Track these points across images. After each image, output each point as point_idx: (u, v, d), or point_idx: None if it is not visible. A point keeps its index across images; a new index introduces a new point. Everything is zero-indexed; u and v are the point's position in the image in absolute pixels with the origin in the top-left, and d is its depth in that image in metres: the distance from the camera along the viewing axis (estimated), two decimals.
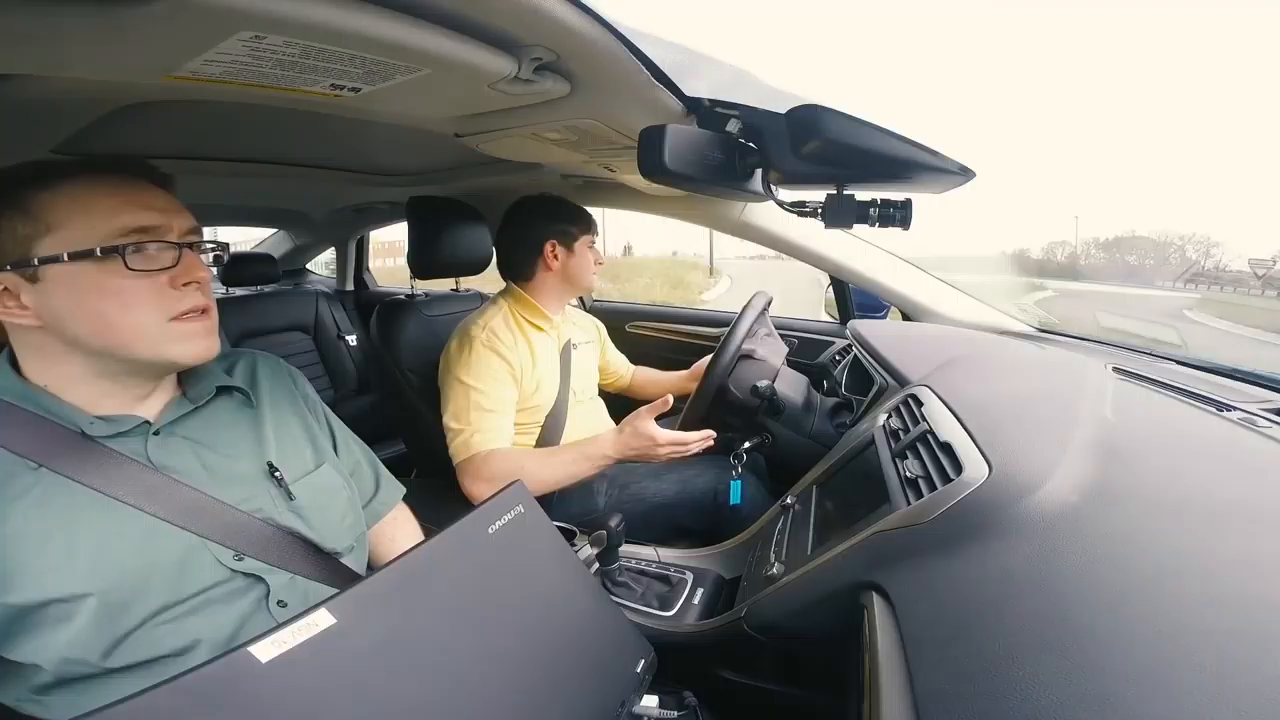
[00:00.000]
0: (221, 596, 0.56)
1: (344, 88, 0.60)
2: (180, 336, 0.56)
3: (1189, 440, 0.55)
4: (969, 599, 0.40)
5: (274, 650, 0.38)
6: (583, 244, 1.23)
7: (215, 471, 0.59)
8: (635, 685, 0.57)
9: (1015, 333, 1.28)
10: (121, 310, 0.53)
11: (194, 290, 0.56)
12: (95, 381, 0.56)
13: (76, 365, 0.55)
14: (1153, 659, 0.29)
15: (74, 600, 0.49)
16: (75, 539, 0.51)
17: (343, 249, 2.65)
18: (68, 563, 0.50)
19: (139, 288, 0.53)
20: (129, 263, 0.52)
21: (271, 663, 0.38)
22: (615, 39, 0.55)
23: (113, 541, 0.52)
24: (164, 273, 0.55)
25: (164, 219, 0.56)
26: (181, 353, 0.56)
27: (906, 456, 0.63)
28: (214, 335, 0.59)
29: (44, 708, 0.51)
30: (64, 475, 0.52)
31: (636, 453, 1.04)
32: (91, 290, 0.52)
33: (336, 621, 0.41)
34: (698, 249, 35.14)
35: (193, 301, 0.56)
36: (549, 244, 1.20)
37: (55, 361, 0.55)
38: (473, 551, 0.51)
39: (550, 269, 1.22)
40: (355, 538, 0.70)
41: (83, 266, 0.51)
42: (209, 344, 0.58)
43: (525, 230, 1.23)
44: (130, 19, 0.41)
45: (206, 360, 0.59)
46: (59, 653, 0.49)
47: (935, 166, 0.65)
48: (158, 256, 0.54)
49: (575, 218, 1.23)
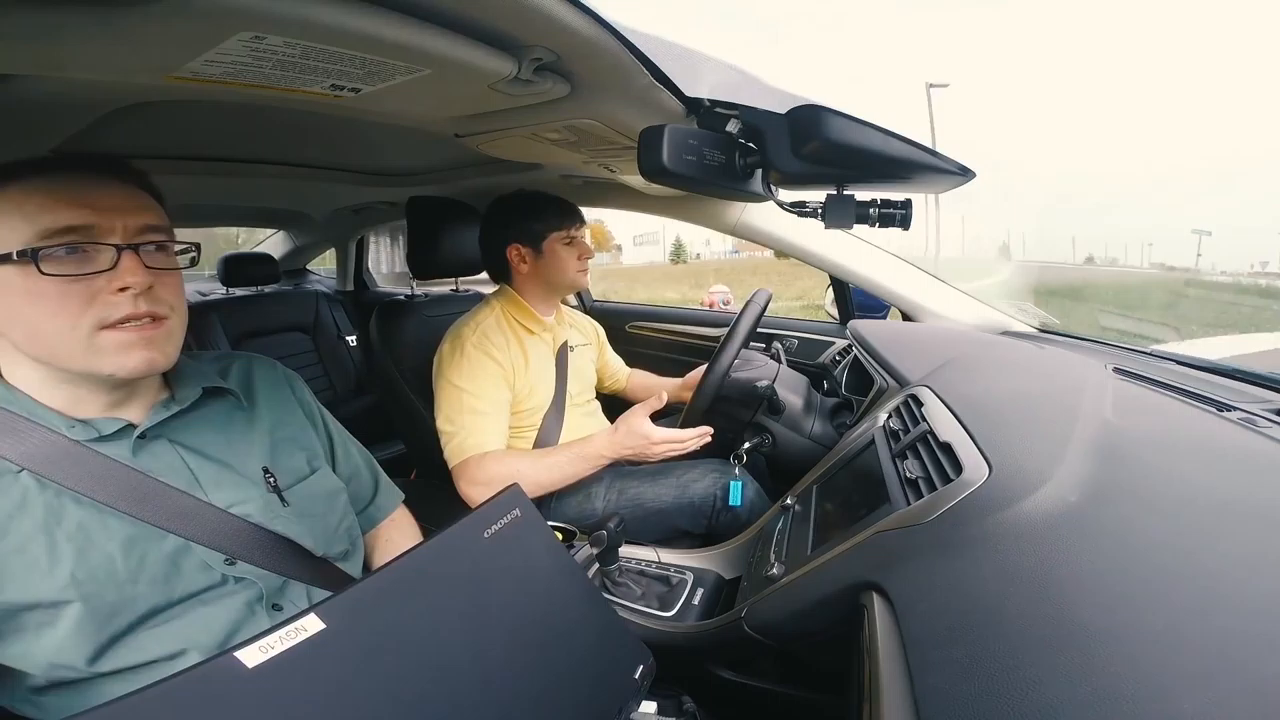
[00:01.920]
0: (213, 600, 0.56)
1: (344, 88, 0.60)
2: (109, 348, 0.51)
3: (1189, 440, 0.55)
4: (969, 599, 0.40)
5: (260, 656, 0.37)
6: (554, 242, 1.16)
7: (205, 476, 0.58)
8: (634, 692, 0.56)
9: (1015, 333, 1.28)
10: (45, 317, 0.50)
11: (130, 297, 0.51)
12: (62, 386, 0.54)
13: (33, 370, 0.53)
14: (1153, 659, 0.29)
15: (56, 606, 0.49)
16: (57, 543, 0.50)
17: (343, 249, 2.65)
18: (50, 567, 0.49)
19: (63, 293, 0.50)
20: (42, 267, 0.49)
21: (258, 668, 0.37)
22: (615, 39, 0.55)
23: (97, 546, 0.51)
24: (97, 276, 0.51)
25: (98, 218, 0.51)
26: (113, 365, 0.52)
27: (906, 457, 0.63)
28: (159, 347, 0.54)
29: (39, 709, 0.51)
30: (46, 479, 0.51)
31: (632, 451, 1.03)
32: (18, 295, 0.50)
33: (325, 627, 0.40)
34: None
35: (128, 309, 0.51)
36: (511, 248, 1.17)
37: (17, 364, 0.54)
38: (467, 556, 0.51)
39: (521, 272, 1.18)
40: (351, 542, 0.70)
41: (10, 270, 0.49)
42: (149, 356, 0.53)
43: (489, 236, 1.20)
44: (130, 19, 0.41)
45: (145, 375, 0.54)
46: (45, 657, 0.49)
47: (935, 166, 0.65)
48: (91, 258, 0.51)
49: (540, 214, 1.16)
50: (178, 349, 0.57)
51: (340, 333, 2.43)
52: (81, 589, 0.49)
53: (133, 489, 0.53)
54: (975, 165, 0.67)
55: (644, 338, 1.99)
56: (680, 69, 0.63)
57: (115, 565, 0.51)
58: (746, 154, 0.65)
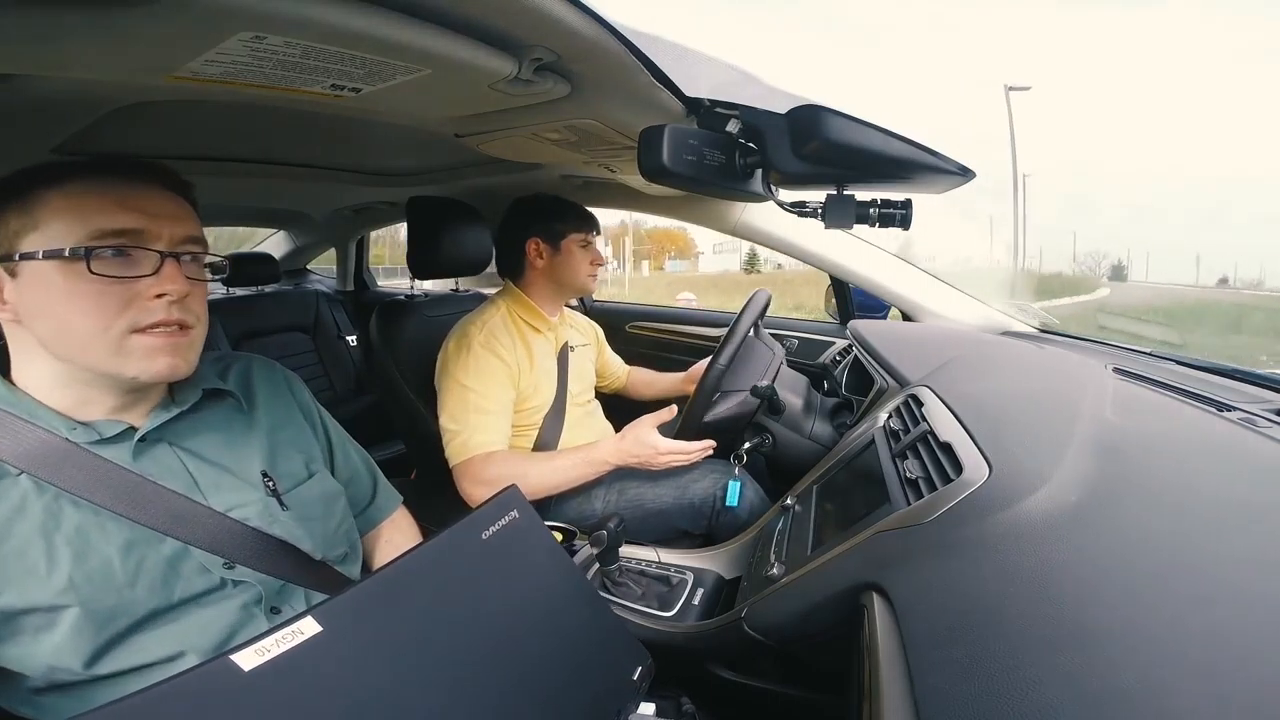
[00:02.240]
0: (211, 604, 0.56)
1: (344, 88, 0.60)
2: (139, 351, 0.52)
3: (1189, 440, 0.55)
4: (969, 599, 0.40)
5: (257, 659, 0.37)
6: (572, 242, 1.21)
7: (204, 479, 0.58)
8: (632, 693, 0.56)
9: (1015, 333, 1.28)
10: (80, 315, 0.51)
11: (165, 304, 0.53)
12: (72, 387, 0.54)
13: (50, 368, 0.54)
14: (1153, 658, 0.29)
15: (55, 610, 0.49)
16: (56, 547, 0.50)
17: (343, 249, 2.65)
18: (48, 570, 0.49)
19: (103, 293, 0.51)
20: (92, 266, 0.50)
21: (254, 671, 0.37)
22: (616, 39, 0.55)
23: (95, 549, 0.51)
24: (139, 280, 0.52)
25: (150, 223, 0.53)
26: (138, 369, 0.53)
27: (907, 457, 0.63)
28: (183, 354, 0.55)
29: (37, 709, 0.51)
30: (45, 481, 0.51)
31: (637, 460, 1.04)
32: (58, 291, 0.51)
33: (322, 630, 0.40)
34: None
35: (161, 315, 0.53)
36: (531, 241, 1.21)
37: (32, 360, 0.54)
38: (465, 558, 0.50)
39: (535, 267, 1.21)
40: (350, 545, 0.70)
41: (54, 265, 0.50)
42: (173, 363, 0.54)
43: (511, 228, 1.24)
44: (130, 19, 0.41)
45: (168, 380, 0.55)
46: (44, 660, 0.49)
47: (935, 166, 0.65)
48: (136, 262, 0.52)
49: (564, 216, 1.21)
50: (198, 357, 0.58)
51: (340, 333, 2.43)
52: (80, 593, 0.49)
53: (131, 492, 0.53)
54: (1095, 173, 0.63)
55: (644, 338, 1.99)
56: (680, 69, 0.63)
57: (113, 569, 0.51)
58: (747, 154, 0.65)
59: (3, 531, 0.49)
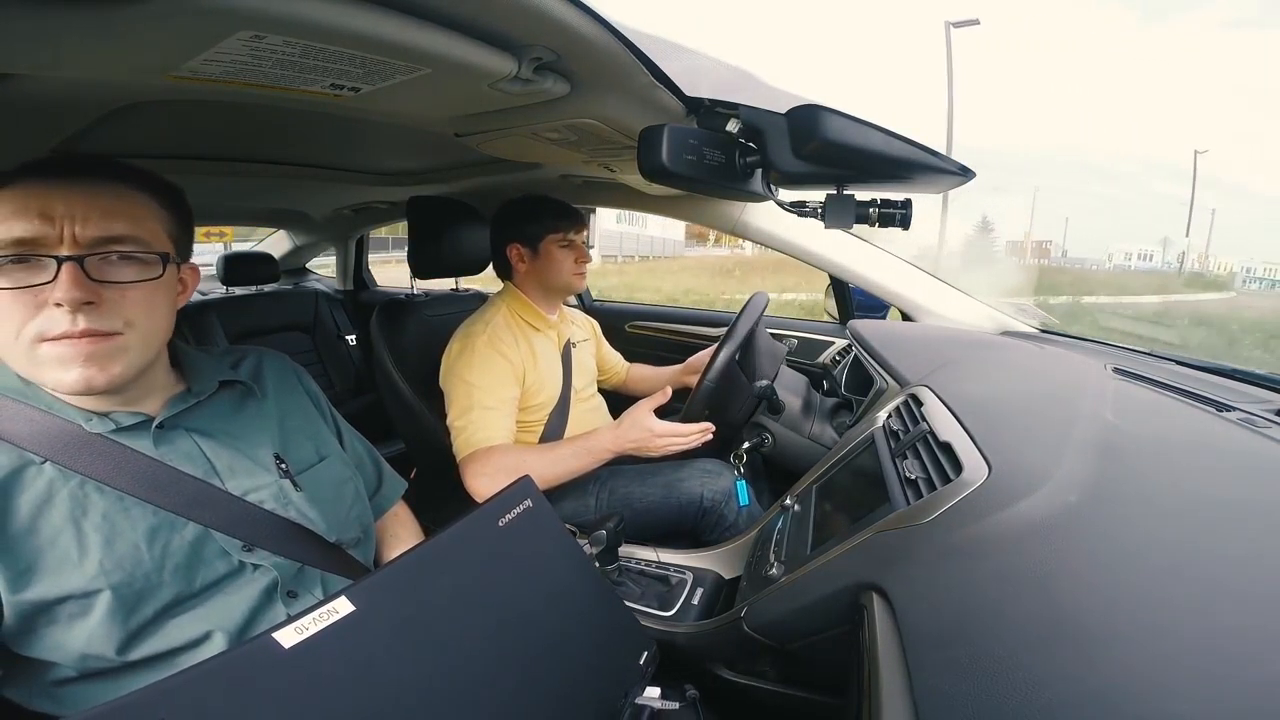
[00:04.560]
0: (233, 587, 0.57)
1: (344, 88, 0.60)
2: (50, 361, 0.50)
3: (1189, 440, 0.55)
4: (969, 599, 0.40)
5: (296, 637, 0.40)
6: (551, 243, 1.19)
7: (221, 463, 0.60)
8: (639, 677, 0.59)
9: (1015, 333, 1.28)
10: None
11: (62, 312, 0.49)
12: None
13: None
14: (1152, 659, 0.29)
15: (88, 596, 0.50)
16: (85, 533, 0.51)
17: (343, 249, 2.65)
18: (80, 557, 0.50)
19: (12, 302, 0.49)
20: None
21: (294, 648, 0.39)
22: (615, 39, 0.55)
23: (122, 535, 0.52)
24: (43, 288, 0.49)
25: (50, 228, 0.49)
26: (53, 380, 0.51)
27: (906, 456, 0.63)
28: (100, 363, 0.51)
29: (56, 702, 0.51)
30: (70, 470, 0.52)
31: (635, 444, 1.04)
32: None
33: (355, 609, 0.42)
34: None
35: (63, 325, 0.49)
36: (511, 247, 1.22)
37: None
38: (484, 544, 0.53)
39: (520, 272, 1.23)
40: (362, 529, 0.71)
41: None
42: (87, 374, 0.50)
43: (493, 234, 1.26)
44: (130, 19, 0.41)
45: (85, 393, 0.52)
46: (78, 648, 0.49)
47: (935, 166, 0.65)
48: (36, 270, 0.49)
49: (539, 217, 1.20)
50: (133, 367, 0.54)
51: (340, 332, 2.43)
52: (110, 578, 0.50)
53: (152, 477, 0.54)
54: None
55: (643, 337, 2.00)
56: (680, 68, 0.63)
57: (141, 554, 0.52)
58: (746, 154, 0.65)
59: (32, 523, 0.50)
